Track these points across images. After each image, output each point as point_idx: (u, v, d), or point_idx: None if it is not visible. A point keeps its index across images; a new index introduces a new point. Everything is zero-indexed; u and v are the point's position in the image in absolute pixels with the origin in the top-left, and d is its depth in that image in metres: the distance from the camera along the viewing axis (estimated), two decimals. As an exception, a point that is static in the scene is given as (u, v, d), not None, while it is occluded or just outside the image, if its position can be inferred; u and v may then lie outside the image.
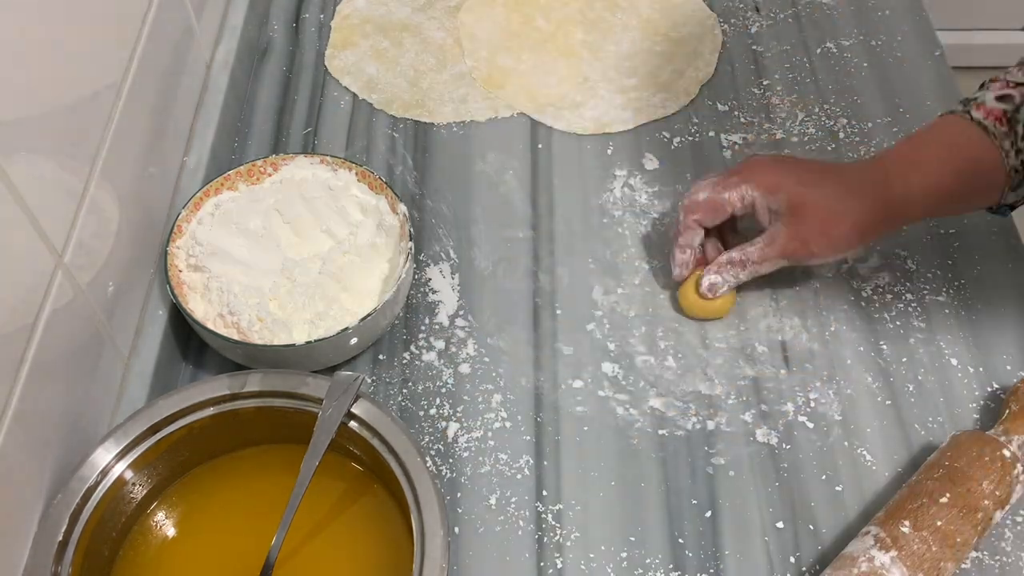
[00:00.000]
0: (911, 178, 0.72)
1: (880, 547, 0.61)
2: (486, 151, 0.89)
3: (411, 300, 0.78)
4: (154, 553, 0.64)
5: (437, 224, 0.83)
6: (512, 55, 0.95)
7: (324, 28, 0.99)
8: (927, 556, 0.61)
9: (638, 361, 0.75)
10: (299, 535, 0.63)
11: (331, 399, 0.63)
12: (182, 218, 0.75)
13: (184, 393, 0.65)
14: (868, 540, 0.62)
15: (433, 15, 0.99)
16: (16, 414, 0.56)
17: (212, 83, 0.88)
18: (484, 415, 0.72)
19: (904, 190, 0.72)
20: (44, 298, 0.59)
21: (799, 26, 0.98)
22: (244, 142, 0.89)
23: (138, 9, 0.74)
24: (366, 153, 0.88)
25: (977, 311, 0.77)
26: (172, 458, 0.65)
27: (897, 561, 0.60)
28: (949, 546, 0.61)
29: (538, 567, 0.66)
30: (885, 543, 0.61)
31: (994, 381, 0.74)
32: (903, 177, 0.72)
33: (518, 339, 0.76)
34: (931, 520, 0.62)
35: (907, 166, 0.73)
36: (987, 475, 0.63)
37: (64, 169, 0.62)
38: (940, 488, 0.63)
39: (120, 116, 0.69)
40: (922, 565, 0.60)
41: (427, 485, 0.60)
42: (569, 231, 0.83)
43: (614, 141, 0.89)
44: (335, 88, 0.93)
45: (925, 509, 0.62)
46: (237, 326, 0.71)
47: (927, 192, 0.72)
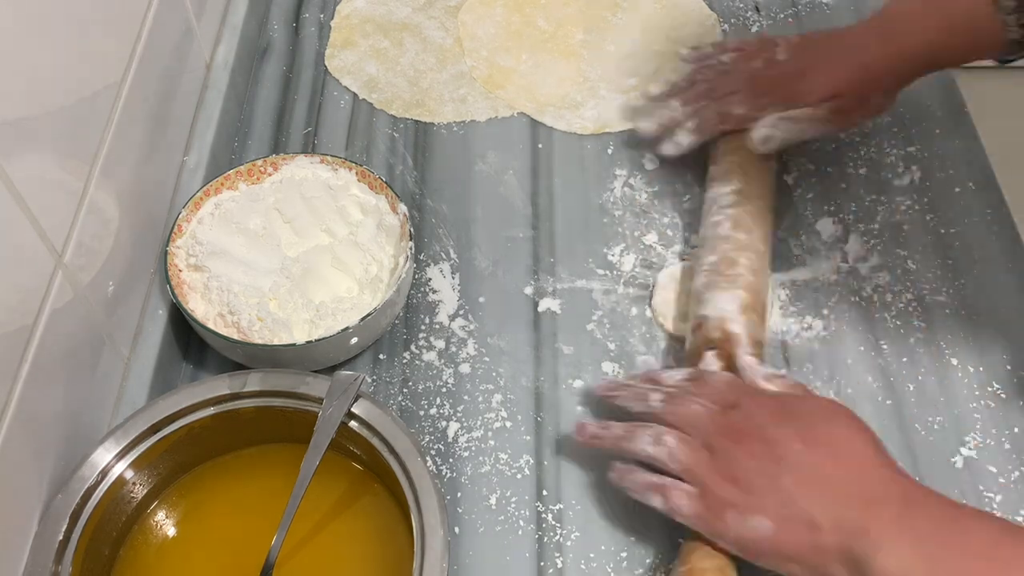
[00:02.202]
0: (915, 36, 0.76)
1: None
2: (486, 151, 0.89)
3: (411, 300, 0.78)
4: (154, 553, 0.64)
5: (437, 224, 0.83)
6: (512, 55, 0.95)
7: (324, 28, 0.99)
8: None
9: (638, 361, 0.75)
10: (299, 535, 0.63)
11: (331, 399, 0.63)
12: (182, 218, 0.75)
13: (184, 393, 0.65)
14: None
15: (433, 15, 0.99)
16: (16, 414, 0.56)
17: (212, 83, 0.88)
18: (484, 415, 0.72)
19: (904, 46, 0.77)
20: (44, 298, 0.59)
21: (799, 26, 0.98)
22: (244, 142, 0.89)
23: (138, 9, 0.74)
24: (366, 153, 0.88)
25: (977, 311, 0.77)
26: (172, 458, 0.65)
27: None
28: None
29: (538, 567, 0.66)
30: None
31: (994, 381, 0.73)
32: (908, 35, 0.76)
33: (518, 339, 0.76)
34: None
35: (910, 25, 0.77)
36: None
37: (64, 169, 0.62)
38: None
39: (120, 116, 0.69)
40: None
41: (427, 485, 0.60)
42: (569, 231, 0.83)
43: (614, 141, 0.89)
44: (335, 88, 0.93)
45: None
46: (237, 326, 0.71)
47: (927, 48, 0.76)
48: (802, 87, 0.79)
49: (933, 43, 0.76)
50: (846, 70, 0.78)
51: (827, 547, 0.56)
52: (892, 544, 0.54)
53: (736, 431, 0.61)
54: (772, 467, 0.59)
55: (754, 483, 0.59)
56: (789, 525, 0.57)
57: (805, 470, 0.58)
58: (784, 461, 0.59)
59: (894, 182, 0.85)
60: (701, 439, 0.61)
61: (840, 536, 0.55)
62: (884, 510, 0.56)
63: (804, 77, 0.79)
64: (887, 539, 0.54)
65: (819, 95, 0.78)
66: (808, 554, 0.56)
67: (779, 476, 0.58)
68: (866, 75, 0.78)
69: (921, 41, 0.76)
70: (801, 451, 0.59)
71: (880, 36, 0.78)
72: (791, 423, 0.60)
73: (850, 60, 0.78)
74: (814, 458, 0.59)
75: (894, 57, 0.77)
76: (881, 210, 0.83)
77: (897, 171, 0.86)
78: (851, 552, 0.55)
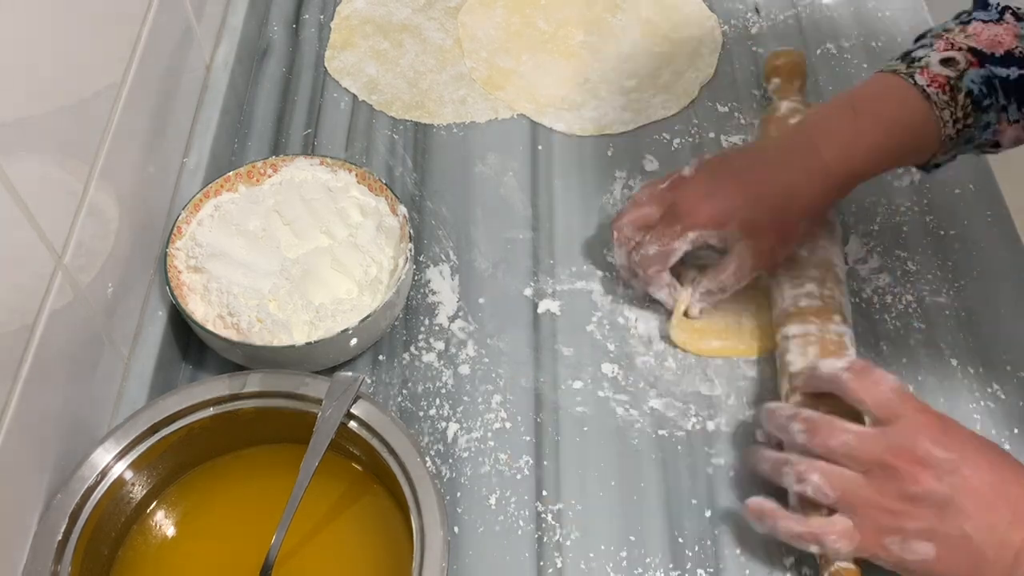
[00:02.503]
0: (849, 147, 0.71)
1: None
2: (486, 152, 0.89)
3: (411, 301, 0.78)
4: (154, 553, 0.64)
5: (437, 225, 0.83)
6: (512, 56, 0.95)
7: (324, 29, 0.99)
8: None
9: (638, 361, 0.75)
10: (299, 535, 0.63)
11: (331, 399, 0.63)
12: (182, 219, 0.75)
13: (184, 393, 0.65)
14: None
15: (433, 16, 0.99)
16: (16, 414, 0.56)
17: (212, 83, 0.88)
18: (484, 415, 0.72)
19: (837, 157, 0.71)
20: (44, 298, 0.59)
21: (799, 27, 0.98)
22: (244, 143, 0.89)
23: (138, 9, 0.74)
24: (366, 154, 0.88)
25: (977, 311, 0.77)
26: (172, 458, 0.65)
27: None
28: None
29: (538, 567, 0.66)
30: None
31: (994, 381, 0.73)
32: (840, 146, 0.71)
33: (518, 340, 0.76)
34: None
35: (844, 133, 0.71)
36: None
37: (64, 169, 0.62)
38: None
39: (120, 116, 0.69)
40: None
41: (427, 485, 0.60)
42: (569, 232, 0.83)
43: (614, 142, 0.89)
44: (335, 89, 0.93)
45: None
46: (237, 327, 0.71)
47: (861, 159, 0.71)
48: (710, 205, 0.72)
49: (866, 153, 0.71)
50: (766, 185, 0.71)
51: (991, 565, 0.57)
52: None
53: (897, 452, 0.60)
54: (937, 493, 0.59)
55: (916, 510, 0.59)
56: (952, 551, 0.58)
57: (968, 496, 0.58)
58: (949, 487, 0.59)
59: (894, 183, 0.85)
60: (855, 467, 0.61)
61: (1002, 563, 0.57)
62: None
63: (713, 195, 0.72)
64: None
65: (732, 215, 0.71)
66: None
67: (945, 504, 0.58)
68: (790, 193, 0.71)
69: (852, 153, 0.71)
70: (965, 477, 0.59)
71: (805, 151, 0.71)
72: (954, 449, 0.60)
73: (773, 175, 0.72)
74: (976, 484, 0.59)
75: (820, 173, 0.71)
76: (881, 211, 0.83)
77: (897, 172, 0.86)
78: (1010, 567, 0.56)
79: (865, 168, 0.72)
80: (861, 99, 0.73)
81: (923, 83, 0.70)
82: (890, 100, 0.71)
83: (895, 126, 0.71)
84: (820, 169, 0.71)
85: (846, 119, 0.72)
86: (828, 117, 0.73)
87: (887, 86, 0.72)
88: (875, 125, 0.71)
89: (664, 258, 0.73)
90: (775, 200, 0.71)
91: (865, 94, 0.73)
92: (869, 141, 0.71)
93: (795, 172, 0.72)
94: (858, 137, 0.71)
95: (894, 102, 0.71)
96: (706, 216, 0.72)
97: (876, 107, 0.72)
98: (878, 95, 0.72)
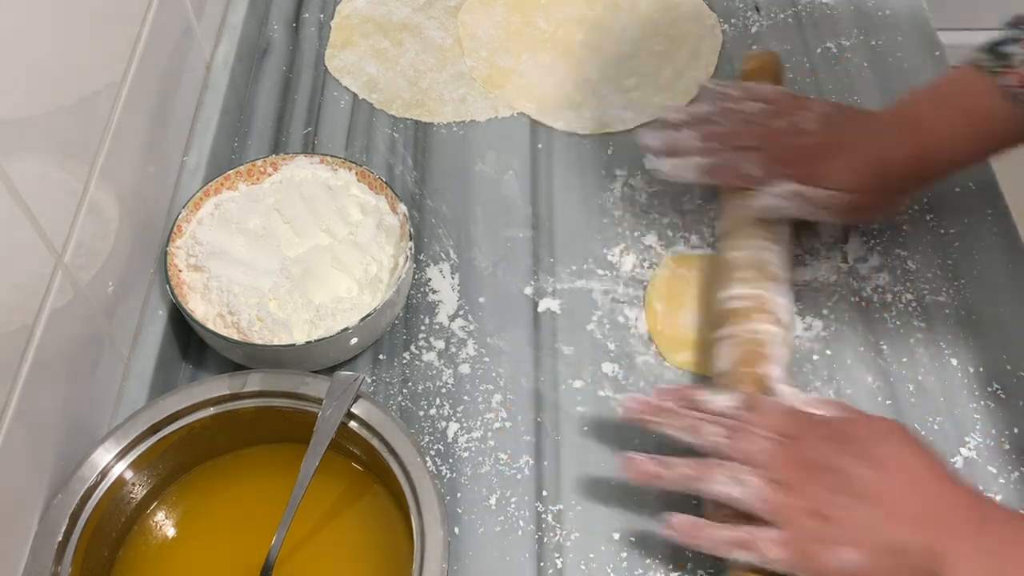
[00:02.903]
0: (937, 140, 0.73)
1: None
2: (486, 151, 0.89)
3: (411, 300, 0.78)
4: (154, 553, 0.64)
5: (437, 224, 0.83)
6: (512, 55, 0.95)
7: (324, 28, 0.99)
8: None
9: (638, 361, 0.75)
10: (299, 535, 0.63)
11: (331, 399, 0.63)
12: (182, 218, 0.75)
13: (184, 393, 0.65)
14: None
15: (433, 15, 0.99)
16: (16, 414, 0.56)
17: (212, 82, 0.88)
18: (484, 415, 0.72)
19: (929, 148, 0.73)
20: (44, 298, 0.59)
21: (799, 26, 0.98)
22: (244, 142, 0.89)
23: (138, 9, 0.74)
24: (366, 153, 0.88)
25: (977, 311, 0.77)
26: (172, 458, 0.65)
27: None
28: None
29: (538, 567, 0.66)
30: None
31: (994, 381, 0.73)
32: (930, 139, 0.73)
33: (518, 339, 0.76)
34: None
35: (929, 129, 0.73)
36: None
37: (64, 169, 0.62)
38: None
39: (120, 116, 0.69)
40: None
41: (427, 485, 0.60)
42: (569, 231, 0.83)
43: (614, 141, 0.89)
44: (335, 88, 0.93)
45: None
46: (237, 326, 0.71)
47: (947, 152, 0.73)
48: (822, 169, 0.74)
49: (953, 146, 0.73)
50: (868, 163, 0.73)
51: (911, 571, 0.56)
52: (967, 565, 0.55)
53: (807, 463, 0.60)
54: (847, 497, 0.59)
55: (835, 515, 0.58)
56: (876, 554, 0.57)
57: (880, 495, 0.58)
58: (857, 489, 0.59)
59: (894, 182, 0.85)
60: (775, 475, 0.60)
61: (920, 559, 0.56)
62: (957, 529, 0.57)
63: (825, 159, 0.74)
64: (962, 560, 0.55)
65: (837, 183, 0.73)
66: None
67: (856, 505, 0.58)
68: (887, 173, 0.73)
69: (943, 144, 0.73)
70: (871, 476, 0.59)
71: (903, 134, 0.74)
72: (854, 448, 0.60)
73: (873, 153, 0.74)
74: (884, 481, 0.59)
75: (917, 159, 0.73)
76: (881, 210, 0.83)
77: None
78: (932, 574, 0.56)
79: (951, 163, 0.74)
80: (945, 94, 0.74)
81: (1006, 84, 0.70)
82: (971, 98, 0.72)
83: (975, 124, 0.72)
84: (920, 156, 0.73)
85: (933, 112, 0.74)
86: (919, 105, 0.75)
87: (970, 83, 0.73)
88: (958, 121, 0.72)
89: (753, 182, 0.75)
90: (883, 176, 0.73)
91: (950, 88, 0.74)
92: (954, 138, 0.72)
93: (902, 151, 0.73)
94: (945, 132, 0.72)
95: (974, 100, 0.72)
96: (840, 180, 0.73)
97: (959, 103, 0.73)
98: (961, 91, 0.73)
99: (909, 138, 0.73)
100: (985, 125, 0.72)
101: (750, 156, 0.77)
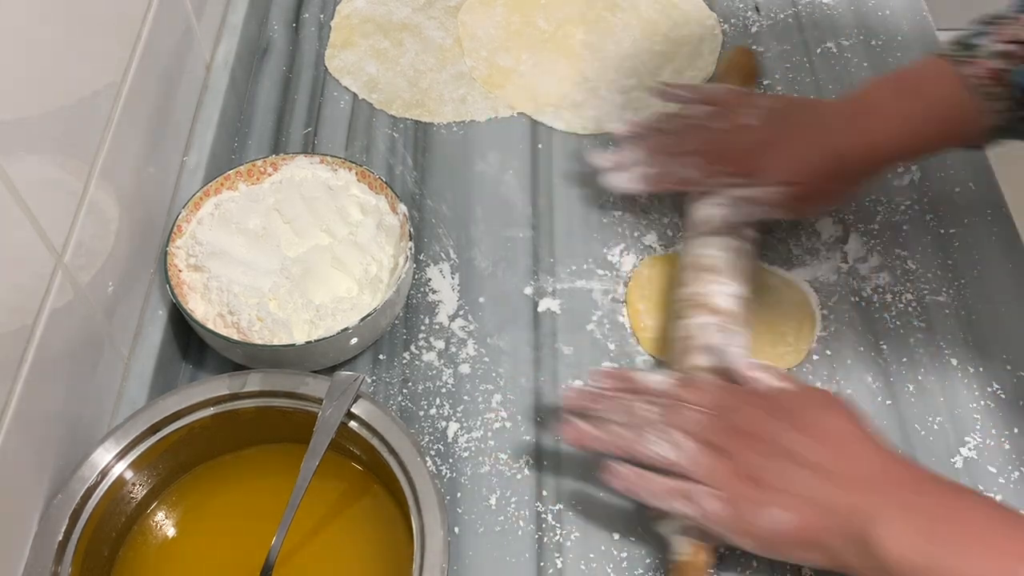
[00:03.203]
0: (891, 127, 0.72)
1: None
2: (486, 151, 0.89)
3: (411, 300, 0.78)
4: (154, 553, 0.64)
5: (437, 224, 0.83)
6: (512, 55, 0.95)
7: (324, 28, 0.99)
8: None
9: (638, 361, 0.75)
10: (299, 535, 0.63)
11: (331, 399, 0.63)
12: (182, 218, 0.75)
13: (184, 393, 0.65)
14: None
15: (433, 15, 0.99)
16: (16, 414, 0.56)
17: (212, 83, 0.88)
18: (484, 415, 0.72)
19: (883, 135, 0.72)
20: (44, 298, 0.59)
21: (799, 26, 0.98)
22: (244, 142, 0.89)
23: (138, 9, 0.74)
24: (366, 153, 0.88)
25: (977, 311, 0.77)
26: (172, 458, 0.65)
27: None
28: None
29: (538, 567, 0.66)
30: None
31: (994, 381, 0.73)
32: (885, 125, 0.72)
33: (518, 339, 0.76)
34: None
35: (888, 113, 0.72)
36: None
37: (64, 169, 0.62)
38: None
39: (120, 116, 0.69)
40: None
41: (427, 485, 0.60)
42: (569, 231, 0.83)
43: (614, 141, 0.89)
44: (335, 88, 0.93)
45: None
46: (237, 326, 0.71)
47: (900, 141, 0.72)
48: (763, 163, 0.74)
49: (907, 134, 0.72)
50: (814, 153, 0.73)
51: (841, 530, 0.57)
52: (894, 524, 0.55)
53: (739, 432, 0.62)
54: (780, 461, 0.60)
55: (768, 479, 0.60)
56: (808, 514, 0.58)
57: (811, 459, 0.60)
58: (790, 453, 0.60)
59: (894, 182, 0.85)
60: (710, 439, 0.62)
61: (850, 518, 0.57)
62: (886, 492, 0.58)
63: (766, 153, 0.74)
64: (889, 520, 0.56)
65: (780, 176, 0.73)
66: (827, 539, 0.58)
67: (789, 469, 0.60)
68: (835, 162, 0.73)
69: (895, 132, 0.72)
70: (802, 441, 0.60)
71: (853, 122, 0.73)
72: (787, 416, 0.62)
73: (821, 142, 0.73)
74: (816, 447, 0.60)
75: (866, 147, 0.72)
76: (881, 210, 0.83)
77: (897, 171, 0.86)
78: (860, 534, 0.56)
79: (902, 151, 0.74)
80: (906, 81, 0.74)
81: (971, 74, 0.70)
82: (933, 87, 0.72)
83: (936, 112, 0.72)
84: (869, 144, 0.72)
85: (889, 99, 0.73)
86: (876, 92, 0.74)
87: (934, 72, 0.72)
88: (915, 109, 0.72)
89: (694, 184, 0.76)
90: (832, 164, 0.73)
91: (910, 77, 0.74)
92: (909, 125, 0.72)
93: (850, 139, 0.72)
94: (900, 119, 0.72)
95: (937, 89, 0.72)
96: (780, 172, 0.73)
97: (919, 91, 0.72)
98: (922, 79, 0.73)
99: (860, 124, 0.73)
100: (942, 115, 0.72)
101: (690, 160, 0.77)
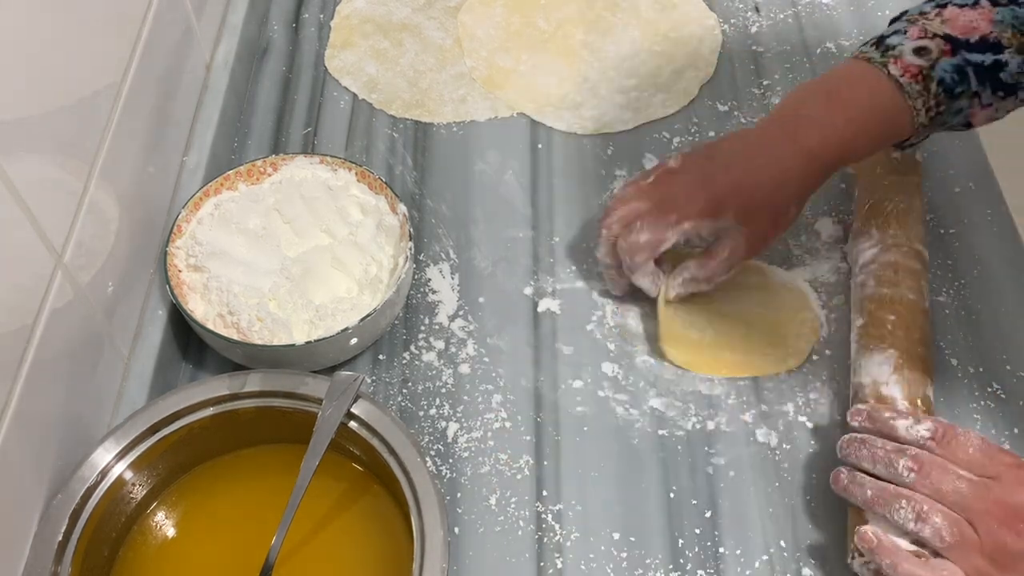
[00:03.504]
0: (826, 134, 0.71)
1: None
2: (486, 151, 0.89)
3: (411, 300, 0.78)
4: (154, 553, 0.64)
5: (437, 224, 0.83)
6: (512, 55, 0.95)
7: (324, 28, 0.99)
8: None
9: (638, 361, 0.75)
10: (299, 535, 0.63)
11: (331, 399, 0.63)
12: (182, 218, 0.75)
13: (184, 393, 0.65)
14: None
15: (433, 15, 0.99)
16: (16, 414, 0.56)
17: (212, 83, 0.88)
18: (484, 415, 0.72)
19: (819, 143, 0.71)
20: (44, 298, 0.59)
21: (799, 26, 0.98)
22: (244, 142, 0.89)
23: (138, 9, 0.74)
24: (366, 153, 0.88)
25: (977, 311, 0.77)
26: (172, 458, 0.65)
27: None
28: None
29: (538, 567, 0.66)
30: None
31: (994, 381, 0.74)
32: (819, 132, 0.71)
33: (518, 339, 0.76)
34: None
35: (820, 120, 0.71)
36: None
37: (64, 169, 0.62)
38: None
39: (120, 116, 0.69)
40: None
41: (427, 485, 0.60)
42: (569, 231, 0.83)
43: (614, 141, 0.89)
44: (335, 88, 0.93)
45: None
46: (237, 326, 0.71)
47: (839, 145, 0.71)
48: (705, 194, 0.71)
49: (844, 139, 0.71)
50: (758, 172, 0.71)
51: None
52: None
53: (1003, 510, 0.59)
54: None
55: (1016, 565, 0.58)
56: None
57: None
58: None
59: (894, 182, 0.85)
60: (964, 515, 0.60)
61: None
62: None
63: (706, 185, 0.72)
64: None
65: (727, 204, 0.71)
66: None
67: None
68: (782, 179, 0.71)
69: (832, 139, 0.71)
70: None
71: (787, 136, 0.72)
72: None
73: (763, 161, 0.72)
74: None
75: (805, 157, 0.71)
76: (881, 210, 0.83)
77: (897, 171, 0.86)
78: None
79: (843, 154, 0.72)
80: (835, 85, 0.73)
81: (896, 73, 0.70)
82: (863, 88, 0.71)
83: (869, 114, 0.71)
84: (804, 154, 0.71)
85: (821, 106, 0.72)
86: (804, 103, 0.73)
87: (860, 74, 0.72)
88: (849, 113, 0.71)
89: (654, 247, 0.73)
90: (766, 187, 0.71)
91: (838, 81, 0.73)
92: (844, 129, 0.71)
93: (782, 158, 0.71)
94: (834, 124, 0.71)
95: (867, 90, 0.71)
96: (702, 206, 0.71)
97: (850, 95, 0.72)
98: (852, 82, 0.72)
99: (796, 142, 0.71)
100: (876, 117, 0.71)
101: (635, 227, 0.73)
